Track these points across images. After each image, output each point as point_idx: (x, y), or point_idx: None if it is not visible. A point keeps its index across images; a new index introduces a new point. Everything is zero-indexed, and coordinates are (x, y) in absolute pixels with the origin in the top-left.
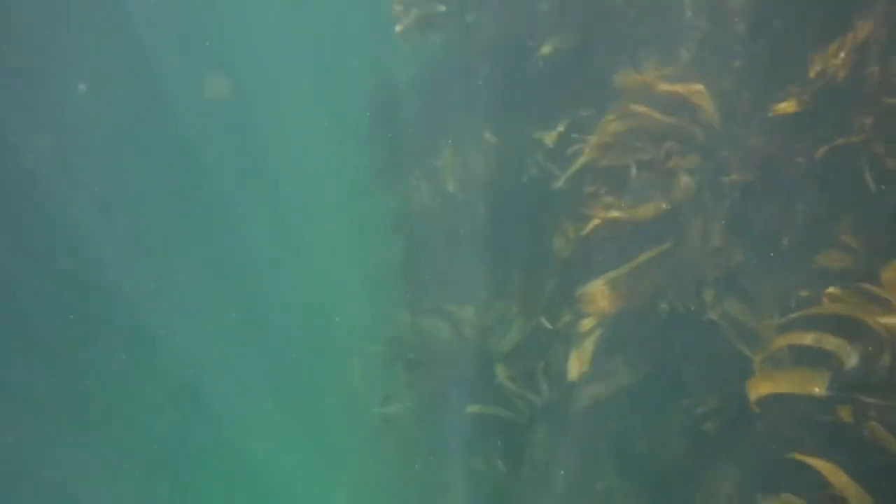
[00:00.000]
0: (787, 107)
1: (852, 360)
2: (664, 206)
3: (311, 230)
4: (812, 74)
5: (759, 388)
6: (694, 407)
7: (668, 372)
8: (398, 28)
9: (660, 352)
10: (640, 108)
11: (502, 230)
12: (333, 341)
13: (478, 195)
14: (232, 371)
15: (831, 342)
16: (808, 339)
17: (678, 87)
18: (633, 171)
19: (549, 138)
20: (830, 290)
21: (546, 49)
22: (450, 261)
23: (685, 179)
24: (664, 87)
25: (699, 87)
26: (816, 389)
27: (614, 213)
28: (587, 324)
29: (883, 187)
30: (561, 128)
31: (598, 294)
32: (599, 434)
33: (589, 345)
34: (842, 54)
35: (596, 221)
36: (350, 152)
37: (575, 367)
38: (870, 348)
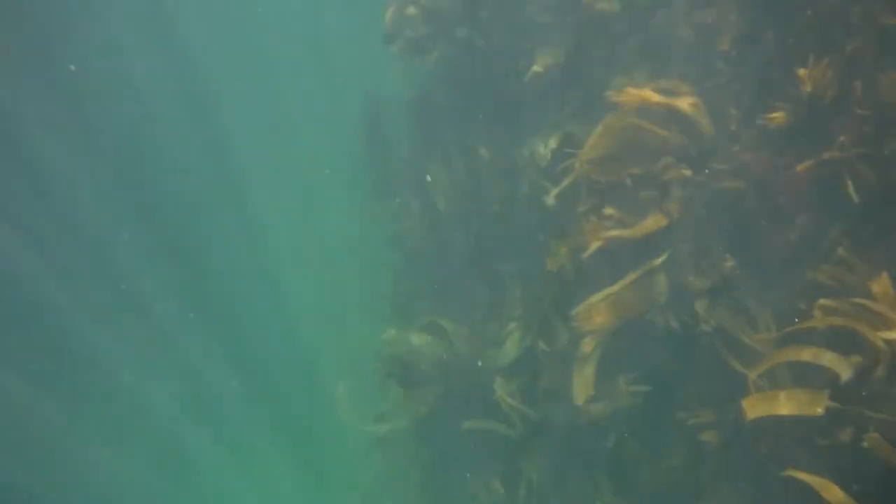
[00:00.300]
0: (778, 118)
1: (848, 374)
2: (662, 221)
3: (305, 246)
4: (801, 91)
5: (758, 409)
6: (688, 420)
7: (665, 388)
8: (393, 49)
9: (657, 368)
10: (637, 121)
11: (495, 247)
12: (326, 358)
13: (470, 212)
14: (222, 387)
15: (828, 358)
16: (805, 355)
17: (673, 100)
18: (629, 183)
19: (542, 155)
20: (822, 301)
21: (538, 66)
22: (443, 278)
23: (679, 193)
24: (658, 99)
25: (694, 100)
26: (819, 410)
27: (614, 233)
28: (588, 345)
29: (867, 200)
30: (553, 144)
31: (594, 311)
32: (597, 451)
33: (591, 367)
34: (829, 73)
35: (598, 243)
36: (344, 170)
37: (580, 391)
38: (866, 361)
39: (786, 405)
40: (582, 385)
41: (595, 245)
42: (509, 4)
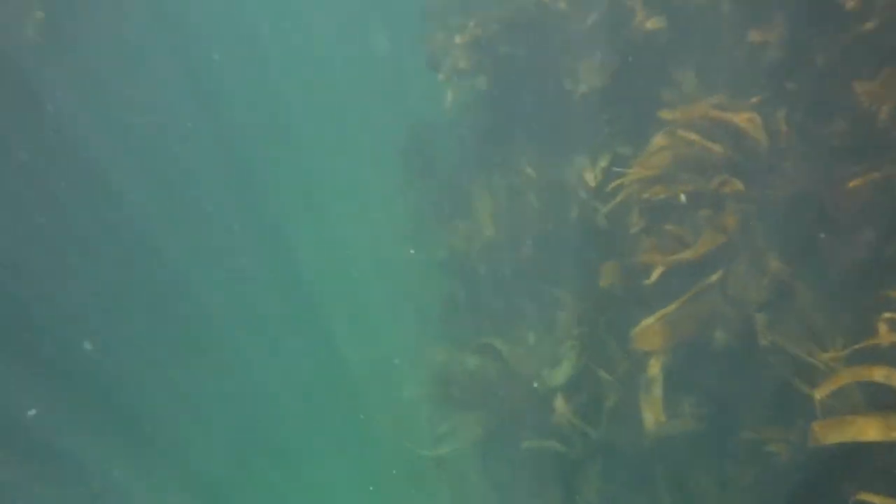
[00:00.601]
0: (840, 130)
1: None
2: (720, 238)
3: (357, 270)
4: (857, 106)
5: (831, 434)
6: (756, 440)
7: (729, 407)
8: (440, 77)
9: (719, 386)
10: (691, 136)
11: (547, 267)
12: (379, 382)
13: (521, 233)
14: (277, 409)
15: None
16: (877, 374)
17: (730, 116)
18: (683, 200)
19: (591, 176)
20: (887, 315)
21: (584, 86)
22: (495, 299)
23: (734, 207)
24: (716, 115)
25: (751, 115)
26: (894, 434)
27: (675, 257)
28: (653, 367)
29: None
30: (603, 163)
31: (651, 331)
32: (660, 471)
33: (658, 389)
34: (884, 89)
35: (660, 269)
36: (395, 193)
37: (650, 415)
38: None
39: (862, 430)
40: (651, 409)
41: (658, 271)
42: (552, 25)
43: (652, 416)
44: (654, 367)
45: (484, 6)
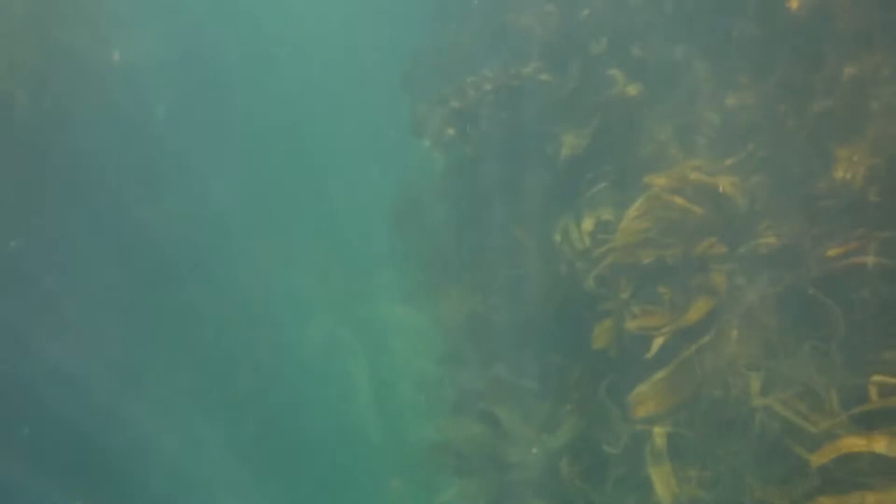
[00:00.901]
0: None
1: None
2: (710, 302)
3: (345, 333)
4: (833, 174)
5: None
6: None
7: (734, 470)
8: (426, 143)
9: (722, 449)
10: (673, 199)
11: (542, 331)
12: (379, 449)
13: (513, 296)
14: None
15: None
16: (877, 445)
17: (711, 179)
18: (670, 263)
19: (577, 238)
20: (876, 378)
21: (566, 150)
22: (492, 364)
23: (721, 269)
24: (699, 178)
25: (732, 178)
26: None
27: (670, 327)
28: (658, 439)
29: None
30: (588, 226)
31: (645, 397)
32: None
33: (666, 463)
34: (855, 157)
35: (660, 340)
36: (387, 260)
37: (665, 492)
38: None
39: None
40: (663, 484)
41: (658, 342)
42: (533, 92)
43: (666, 490)
44: (660, 439)
45: (463, 75)
